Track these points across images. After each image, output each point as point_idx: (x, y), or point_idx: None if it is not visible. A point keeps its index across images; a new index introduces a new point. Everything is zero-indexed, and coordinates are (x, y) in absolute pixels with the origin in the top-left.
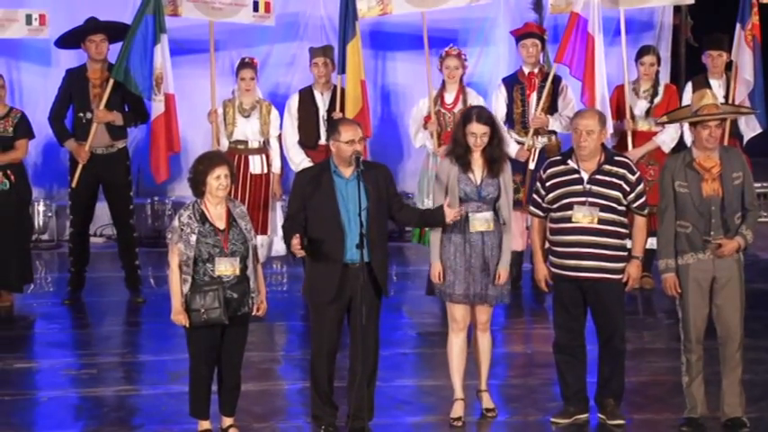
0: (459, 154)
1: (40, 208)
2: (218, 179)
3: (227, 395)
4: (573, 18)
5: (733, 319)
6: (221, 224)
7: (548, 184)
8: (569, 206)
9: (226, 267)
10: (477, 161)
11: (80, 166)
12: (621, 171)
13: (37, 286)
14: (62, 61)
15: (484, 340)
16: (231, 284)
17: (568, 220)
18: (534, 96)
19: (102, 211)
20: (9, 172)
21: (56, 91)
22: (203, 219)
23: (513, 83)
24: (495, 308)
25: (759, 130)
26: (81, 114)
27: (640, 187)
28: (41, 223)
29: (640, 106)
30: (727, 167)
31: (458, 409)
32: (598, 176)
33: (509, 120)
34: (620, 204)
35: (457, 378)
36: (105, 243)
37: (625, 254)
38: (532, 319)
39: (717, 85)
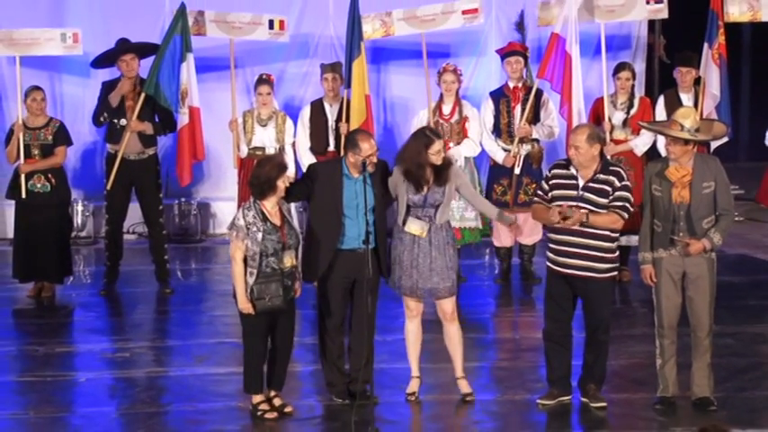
0: (420, 175)
1: (78, 208)
2: (284, 182)
3: (280, 371)
4: (553, 38)
5: (702, 311)
6: (277, 221)
7: (551, 182)
8: None
9: (287, 260)
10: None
11: (114, 170)
12: (611, 178)
13: (76, 278)
14: (99, 74)
15: (453, 330)
16: (287, 273)
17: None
18: (519, 108)
19: (135, 210)
20: (50, 175)
21: (93, 101)
22: (264, 217)
23: (500, 96)
24: (485, 297)
25: (725, 139)
26: (115, 121)
27: (622, 193)
28: (80, 222)
29: (618, 117)
30: (698, 177)
31: (413, 386)
32: (592, 184)
33: (496, 129)
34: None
35: (413, 359)
36: (137, 240)
37: (612, 255)
38: (520, 308)
39: (686, 99)
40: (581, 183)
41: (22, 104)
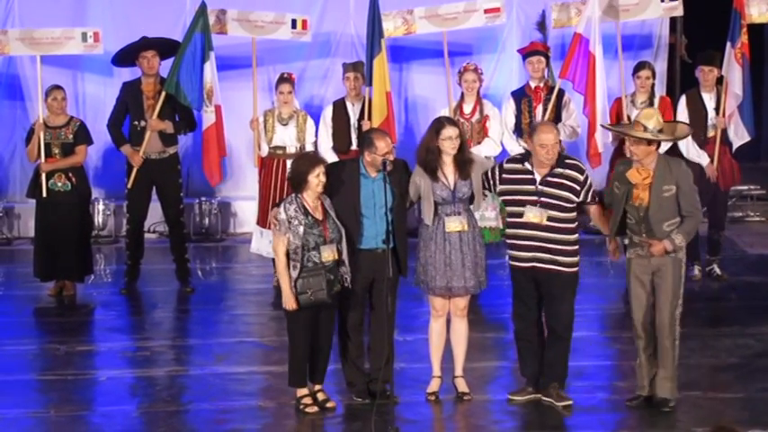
0: (431, 160)
1: (99, 207)
2: (317, 177)
3: (322, 365)
4: (576, 38)
5: (663, 312)
6: (319, 215)
7: (504, 176)
8: (522, 204)
9: (328, 254)
10: (448, 167)
11: (135, 170)
12: (572, 173)
13: (97, 277)
14: (122, 73)
15: (461, 326)
16: (330, 268)
17: (521, 216)
18: (540, 108)
19: (156, 209)
20: (71, 174)
21: (114, 100)
22: (306, 211)
23: (521, 96)
24: (505, 297)
25: (747, 139)
26: (136, 123)
27: (589, 182)
28: (101, 221)
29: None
30: (659, 180)
31: (434, 386)
32: (549, 179)
33: (517, 129)
34: (570, 203)
35: (435, 359)
36: (158, 239)
37: (574, 248)
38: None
39: (708, 98)
40: (538, 178)
41: (42, 104)
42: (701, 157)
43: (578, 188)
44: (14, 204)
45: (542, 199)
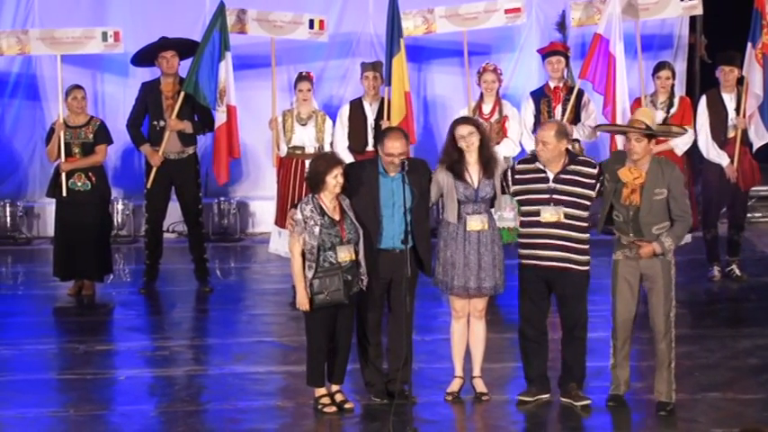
0: (455, 160)
1: (118, 206)
2: (335, 178)
3: (340, 366)
4: (596, 39)
5: (658, 318)
6: (336, 216)
7: (516, 177)
8: (536, 202)
9: (345, 254)
10: (473, 165)
11: (154, 170)
12: (584, 169)
13: (116, 277)
14: (139, 74)
15: (479, 327)
16: (347, 268)
17: (536, 214)
18: (560, 108)
19: (174, 209)
20: (90, 174)
21: (133, 101)
22: (322, 212)
23: (540, 96)
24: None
25: (767, 139)
26: (155, 123)
27: (602, 175)
28: (120, 220)
29: (657, 116)
30: (651, 182)
31: (455, 386)
32: (563, 176)
33: (536, 129)
34: (587, 199)
35: (457, 359)
36: (177, 238)
37: (586, 247)
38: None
39: (728, 98)
40: (551, 176)
41: (62, 103)
42: (720, 158)
43: (593, 182)
44: (34, 204)
45: (555, 196)
